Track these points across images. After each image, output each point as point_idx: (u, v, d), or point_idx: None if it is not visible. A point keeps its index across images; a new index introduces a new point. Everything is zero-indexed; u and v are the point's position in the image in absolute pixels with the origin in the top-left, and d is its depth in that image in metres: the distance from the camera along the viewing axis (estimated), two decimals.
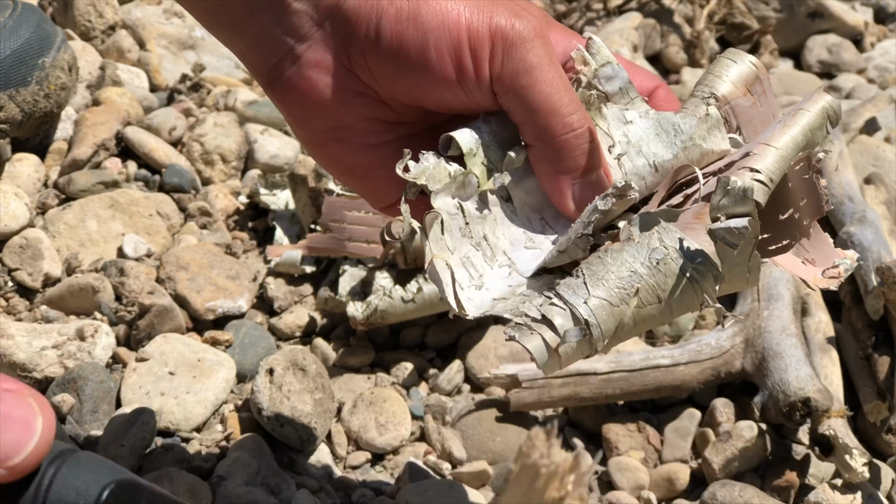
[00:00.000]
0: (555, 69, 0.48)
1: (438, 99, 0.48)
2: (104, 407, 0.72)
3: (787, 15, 1.34)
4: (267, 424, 0.71)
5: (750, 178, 0.45)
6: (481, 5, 0.47)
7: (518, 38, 0.47)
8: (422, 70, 0.47)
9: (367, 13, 0.47)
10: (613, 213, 0.48)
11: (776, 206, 0.48)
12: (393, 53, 0.47)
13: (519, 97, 0.48)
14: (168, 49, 1.11)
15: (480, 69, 0.47)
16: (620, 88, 0.51)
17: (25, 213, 0.85)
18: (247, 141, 0.98)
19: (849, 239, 0.85)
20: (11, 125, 0.87)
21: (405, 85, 0.48)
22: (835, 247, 0.49)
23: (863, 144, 1.07)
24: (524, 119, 0.48)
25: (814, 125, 0.48)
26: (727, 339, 0.79)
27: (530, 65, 0.47)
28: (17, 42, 0.87)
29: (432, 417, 0.78)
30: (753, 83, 0.53)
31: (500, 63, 0.47)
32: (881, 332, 0.80)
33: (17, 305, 0.80)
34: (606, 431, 0.77)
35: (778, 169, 0.46)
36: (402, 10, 0.47)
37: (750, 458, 0.75)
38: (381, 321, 0.81)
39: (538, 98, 0.47)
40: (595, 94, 0.51)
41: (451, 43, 0.47)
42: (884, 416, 0.77)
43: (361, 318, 0.81)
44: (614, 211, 0.48)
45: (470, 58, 0.47)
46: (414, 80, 0.48)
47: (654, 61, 1.28)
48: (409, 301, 0.80)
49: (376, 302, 0.80)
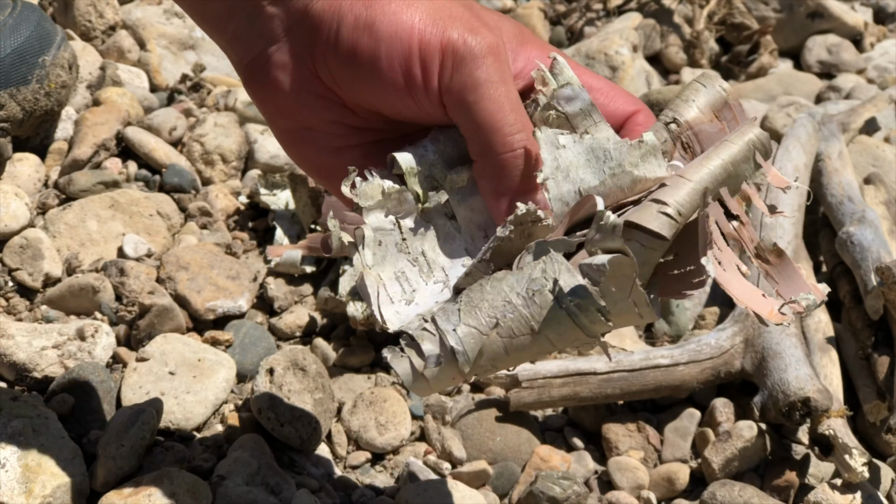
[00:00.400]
0: (504, 87, 0.48)
1: (392, 107, 0.49)
2: (104, 407, 0.72)
3: (786, 15, 1.35)
4: (267, 424, 0.71)
5: (656, 210, 0.44)
6: (438, 18, 0.48)
7: (469, 53, 0.47)
8: (373, 77, 0.48)
9: (329, 19, 0.48)
10: (525, 239, 0.48)
11: (694, 238, 0.46)
12: (348, 59, 0.48)
13: (465, 112, 0.48)
14: (168, 49, 1.11)
15: (429, 81, 0.48)
16: (581, 110, 0.50)
17: (26, 213, 0.85)
18: (247, 141, 0.98)
19: (848, 239, 0.85)
20: (12, 123, 0.87)
21: (361, 91, 0.49)
22: (809, 281, 0.48)
23: (862, 144, 1.07)
24: (470, 134, 0.49)
25: (737, 158, 0.47)
26: (727, 339, 0.79)
27: (478, 81, 0.47)
28: (17, 40, 0.87)
29: (432, 417, 0.78)
30: (722, 109, 0.52)
31: (448, 77, 0.48)
32: (881, 332, 0.80)
33: (18, 305, 0.80)
34: (606, 431, 0.78)
35: (689, 202, 0.45)
36: (360, 17, 0.48)
37: (749, 458, 0.75)
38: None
39: (483, 115, 0.48)
40: (553, 114, 0.50)
41: (402, 53, 0.47)
42: (883, 416, 0.77)
43: (361, 318, 0.81)
44: (531, 235, 0.48)
45: (419, 69, 0.48)
46: (368, 87, 0.49)
47: (653, 61, 1.28)
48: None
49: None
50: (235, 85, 1.09)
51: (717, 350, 0.78)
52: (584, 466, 0.76)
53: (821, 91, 1.24)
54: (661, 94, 0.94)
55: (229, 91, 1.05)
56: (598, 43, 1.17)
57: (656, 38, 1.28)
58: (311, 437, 0.72)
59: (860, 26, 1.35)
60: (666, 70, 1.29)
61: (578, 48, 1.18)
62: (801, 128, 0.96)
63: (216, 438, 0.72)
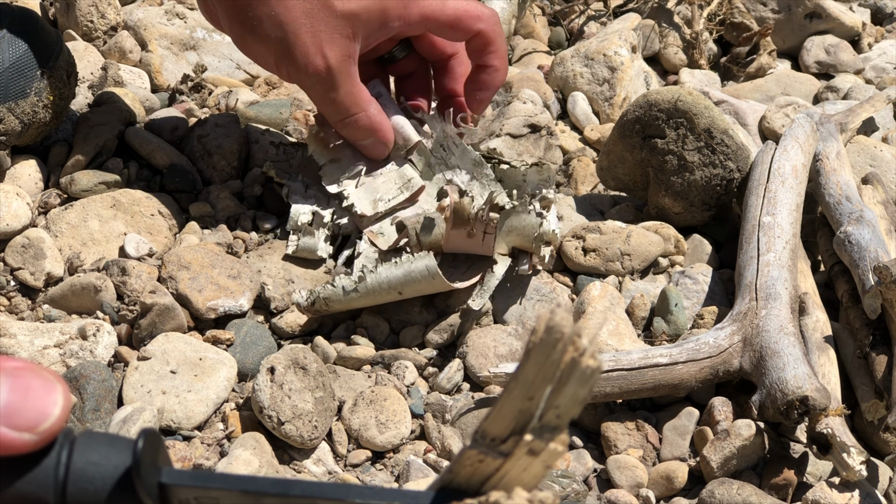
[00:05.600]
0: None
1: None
2: (106, 405, 0.72)
3: (785, 16, 1.35)
4: (268, 423, 0.72)
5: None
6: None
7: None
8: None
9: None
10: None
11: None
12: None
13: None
14: (170, 50, 1.12)
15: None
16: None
17: (27, 213, 0.85)
18: (247, 141, 0.98)
19: (846, 238, 0.85)
20: (10, 136, 0.87)
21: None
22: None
23: (860, 144, 1.08)
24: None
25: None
26: (725, 338, 0.79)
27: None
28: (16, 53, 0.86)
29: (432, 416, 0.78)
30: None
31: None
32: (878, 331, 0.80)
33: (20, 304, 0.81)
34: (605, 430, 0.78)
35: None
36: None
37: (748, 457, 0.75)
38: (325, 308, 0.82)
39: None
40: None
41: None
42: (881, 415, 0.77)
43: (305, 305, 0.82)
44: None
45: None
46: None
47: (652, 62, 1.29)
48: (352, 290, 0.81)
49: (319, 290, 0.81)
50: (236, 85, 1.09)
51: (716, 349, 0.78)
52: (584, 465, 0.77)
53: (819, 91, 1.25)
54: (660, 94, 0.94)
55: (230, 91, 1.06)
56: (596, 43, 1.18)
57: (655, 39, 1.29)
58: (311, 436, 0.72)
59: (858, 27, 1.36)
60: (665, 71, 1.29)
61: (577, 48, 1.19)
62: (799, 128, 0.96)
63: (217, 437, 0.73)
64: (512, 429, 0.36)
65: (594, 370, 0.34)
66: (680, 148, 0.93)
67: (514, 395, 0.36)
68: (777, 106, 1.15)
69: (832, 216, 0.91)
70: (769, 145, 0.95)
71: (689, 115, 0.93)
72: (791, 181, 0.91)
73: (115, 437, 0.41)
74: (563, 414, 0.36)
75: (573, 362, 0.34)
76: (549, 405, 0.35)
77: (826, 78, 1.30)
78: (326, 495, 0.40)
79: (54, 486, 0.39)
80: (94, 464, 0.39)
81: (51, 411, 0.39)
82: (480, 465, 0.38)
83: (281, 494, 0.40)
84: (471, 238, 0.84)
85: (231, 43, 1.12)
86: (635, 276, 0.91)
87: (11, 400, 0.38)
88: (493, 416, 0.37)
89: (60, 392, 0.39)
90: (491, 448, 0.37)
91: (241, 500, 0.40)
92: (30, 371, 0.39)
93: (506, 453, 0.37)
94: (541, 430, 0.36)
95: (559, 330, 0.34)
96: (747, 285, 0.83)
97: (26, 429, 0.38)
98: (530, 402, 0.35)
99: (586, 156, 1.08)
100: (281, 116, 1.03)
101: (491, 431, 0.37)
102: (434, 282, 0.81)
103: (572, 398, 0.35)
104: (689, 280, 0.90)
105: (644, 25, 1.28)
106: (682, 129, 0.93)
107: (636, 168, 0.97)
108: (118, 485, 0.39)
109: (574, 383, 0.35)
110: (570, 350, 0.34)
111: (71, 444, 0.40)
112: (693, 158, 0.93)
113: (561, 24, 1.32)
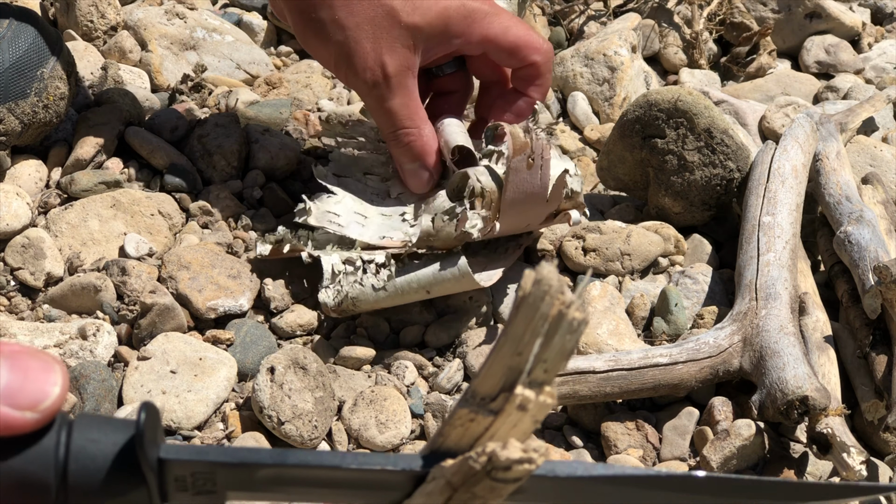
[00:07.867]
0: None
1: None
2: (106, 405, 0.72)
3: (784, 16, 1.35)
4: (268, 423, 0.72)
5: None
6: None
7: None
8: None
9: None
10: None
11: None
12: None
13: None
14: (170, 49, 1.12)
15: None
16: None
17: (27, 213, 0.85)
18: (247, 141, 0.98)
19: (846, 238, 0.85)
20: (10, 136, 0.87)
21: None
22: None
23: (860, 144, 1.08)
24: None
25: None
26: (725, 338, 0.79)
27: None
28: (16, 54, 0.86)
29: (432, 416, 0.78)
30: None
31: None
32: (878, 331, 0.81)
33: (20, 304, 0.81)
34: (605, 429, 0.78)
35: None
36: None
37: (748, 456, 0.75)
38: (352, 308, 0.81)
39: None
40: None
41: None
42: (881, 415, 0.77)
43: (333, 305, 0.81)
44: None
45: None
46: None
47: (652, 62, 1.29)
48: (381, 289, 0.80)
49: (347, 289, 0.81)
50: (236, 85, 1.09)
51: (716, 349, 0.78)
52: None
53: (819, 91, 1.25)
54: (660, 94, 0.94)
55: (230, 91, 1.06)
56: (596, 43, 1.18)
57: (655, 39, 1.29)
58: (311, 436, 0.72)
59: (858, 27, 1.36)
60: (665, 71, 1.29)
61: (577, 48, 1.19)
62: (799, 128, 0.96)
63: (217, 437, 0.73)
64: (501, 386, 0.37)
65: (581, 322, 0.36)
66: (680, 148, 0.93)
67: (504, 352, 0.37)
68: (777, 106, 1.15)
69: (832, 216, 0.91)
70: (769, 145, 0.95)
71: (689, 114, 0.93)
72: (791, 181, 0.91)
73: (111, 418, 0.41)
74: (550, 368, 0.37)
75: (560, 315, 0.35)
76: (538, 360, 0.36)
77: (826, 78, 1.30)
78: (322, 463, 0.40)
79: (55, 465, 0.39)
80: (94, 441, 0.40)
81: (50, 390, 0.39)
82: (471, 424, 0.39)
83: (278, 464, 0.40)
84: (530, 169, 0.79)
85: (231, 43, 1.12)
86: (635, 276, 0.91)
87: (12, 380, 0.39)
88: (482, 374, 0.38)
89: (59, 372, 0.40)
90: (481, 406, 0.38)
91: (237, 475, 0.41)
92: (28, 353, 0.40)
93: (496, 411, 0.38)
94: (530, 385, 0.37)
95: (547, 283, 0.35)
96: (747, 285, 0.83)
97: (27, 407, 0.39)
98: (519, 358, 0.36)
99: (586, 156, 1.08)
100: (281, 116, 1.03)
101: (481, 390, 0.38)
102: (462, 281, 0.80)
103: (560, 351, 0.36)
104: (689, 280, 0.90)
105: (644, 25, 1.28)
106: (682, 128, 0.93)
107: (636, 168, 0.97)
108: (118, 461, 0.40)
109: (561, 336, 0.36)
110: (557, 303, 0.35)
111: (69, 425, 0.40)
112: (693, 158, 0.93)
113: (561, 23, 1.32)
